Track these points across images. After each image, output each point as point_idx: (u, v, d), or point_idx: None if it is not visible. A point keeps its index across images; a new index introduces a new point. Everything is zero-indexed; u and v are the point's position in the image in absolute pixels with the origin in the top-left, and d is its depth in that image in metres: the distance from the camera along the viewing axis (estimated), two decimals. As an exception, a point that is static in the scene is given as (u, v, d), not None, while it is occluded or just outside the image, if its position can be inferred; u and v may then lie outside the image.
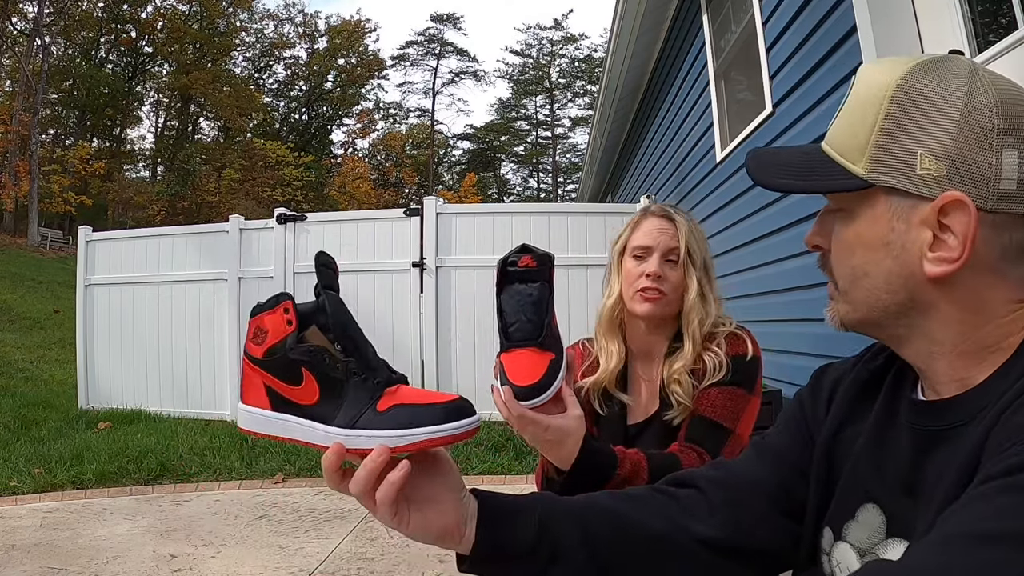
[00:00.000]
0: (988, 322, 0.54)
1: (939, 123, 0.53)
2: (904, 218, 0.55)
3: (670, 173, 5.53)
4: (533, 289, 0.96)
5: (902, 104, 0.55)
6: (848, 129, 0.58)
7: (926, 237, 0.54)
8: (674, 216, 1.32)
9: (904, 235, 0.55)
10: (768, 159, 0.64)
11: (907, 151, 0.54)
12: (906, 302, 0.56)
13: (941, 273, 0.53)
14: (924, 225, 0.54)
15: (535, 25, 56.07)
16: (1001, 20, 1.80)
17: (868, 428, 0.65)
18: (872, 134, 0.55)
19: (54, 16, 27.69)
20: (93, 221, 18.47)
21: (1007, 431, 0.48)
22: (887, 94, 0.55)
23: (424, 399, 0.59)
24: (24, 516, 3.37)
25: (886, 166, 0.55)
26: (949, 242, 0.53)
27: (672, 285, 1.27)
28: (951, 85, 0.54)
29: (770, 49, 3.19)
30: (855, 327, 0.61)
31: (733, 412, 1.20)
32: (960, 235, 0.52)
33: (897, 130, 0.54)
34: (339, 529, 3.11)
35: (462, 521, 0.62)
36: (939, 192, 0.53)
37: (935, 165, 0.53)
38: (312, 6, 73.79)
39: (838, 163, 0.58)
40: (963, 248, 0.52)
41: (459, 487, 0.63)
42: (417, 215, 5.25)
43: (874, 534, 0.60)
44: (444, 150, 44.50)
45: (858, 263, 0.58)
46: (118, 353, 5.76)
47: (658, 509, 0.70)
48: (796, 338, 2.96)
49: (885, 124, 0.55)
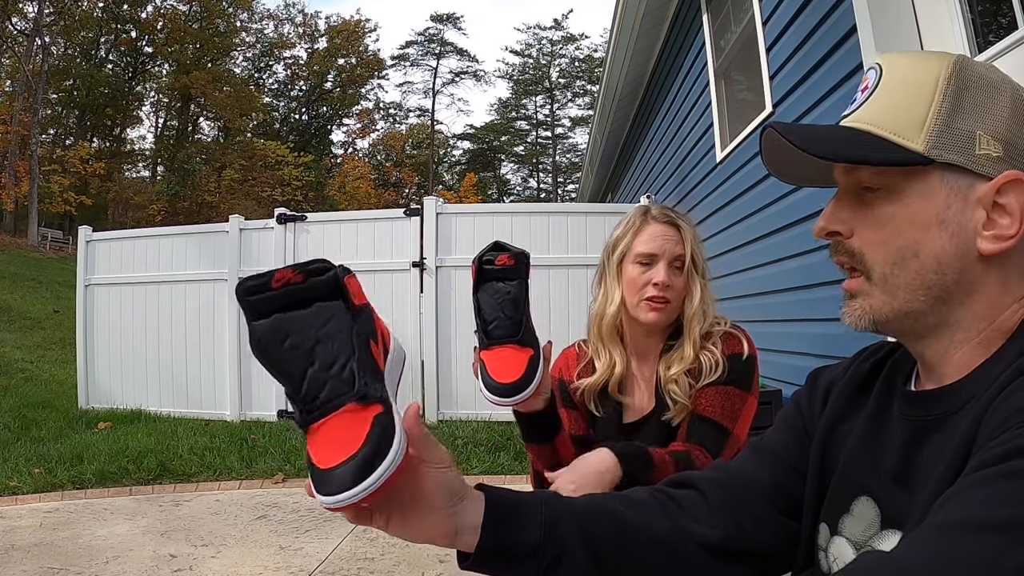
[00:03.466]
0: (1009, 304, 0.56)
1: (996, 106, 0.56)
2: (962, 196, 0.55)
3: (670, 173, 5.53)
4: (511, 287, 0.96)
5: (962, 85, 0.56)
6: (897, 107, 0.58)
7: (980, 216, 0.55)
8: (678, 222, 1.31)
9: (961, 213, 0.55)
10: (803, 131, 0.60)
11: (967, 131, 0.55)
12: (953, 283, 0.56)
13: (996, 250, 0.55)
14: (980, 204, 0.55)
15: (535, 25, 56.14)
16: (1001, 20, 1.80)
17: (861, 422, 0.65)
18: (930, 112, 0.56)
19: (54, 16, 27.70)
20: (93, 221, 18.49)
21: (999, 417, 0.48)
22: (946, 75, 0.56)
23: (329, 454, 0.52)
24: (24, 516, 3.37)
25: (948, 144, 0.55)
26: (1002, 221, 0.54)
27: (676, 292, 1.27)
28: (1000, 74, 0.57)
29: (770, 49, 3.19)
30: (889, 321, 0.59)
31: (731, 412, 1.20)
32: (1018, 212, 0.54)
33: (959, 109, 0.56)
34: (339, 529, 3.11)
35: (450, 532, 0.60)
36: (998, 171, 0.55)
37: (994, 145, 0.55)
38: (312, 6, 73.75)
39: (888, 140, 0.57)
40: (1020, 225, 0.54)
41: (451, 499, 0.60)
42: (417, 215, 5.25)
43: (869, 527, 0.60)
44: (444, 150, 44.50)
45: (906, 243, 0.57)
46: (118, 353, 5.77)
47: (659, 511, 0.70)
48: (796, 338, 2.96)
49: (944, 103, 0.56)
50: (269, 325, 0.54)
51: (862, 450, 0.63)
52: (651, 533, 0.67)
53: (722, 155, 4.02)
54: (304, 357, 0.54)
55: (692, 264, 1.29)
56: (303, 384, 0.54)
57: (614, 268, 1.32)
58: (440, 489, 0.59)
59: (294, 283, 0.55)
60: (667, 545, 0.67)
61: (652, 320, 1.26)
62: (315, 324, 0.55)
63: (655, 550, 0.67)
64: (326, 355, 0.54)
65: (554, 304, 4.94)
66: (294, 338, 0.54)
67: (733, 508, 0.70)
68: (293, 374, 0.54)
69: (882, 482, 0.60)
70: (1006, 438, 0.45)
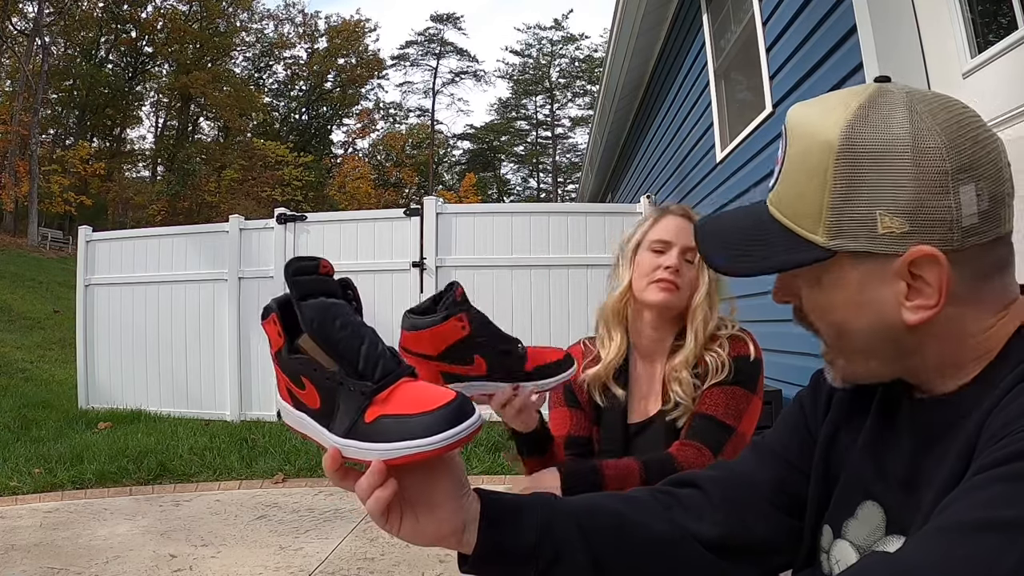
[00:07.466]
0: (970, 339, 0.55)
1: (891, 178, 0.52)
2: (875, 277, 0.54)
3: (670, 173, 5.53)
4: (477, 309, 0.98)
5: (849, 165, 0.53)
6: (796, 194, 0.56)
7: (900, 288, 0.54)
8: (695, 218, 1.34)
9: (878, 292, 0.55)
10: (716, 233, 0.62)
11: (865, 213, 0.53)
12: (893, 349, 0.57)
13: (920, 320, 0.54)
14: (897, 278, 0.54)
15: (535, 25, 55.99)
16: (1001, 20, 1.80)
17: (866, 427, 0.65)
18: (824, 200, 0.54)
19: (54, 16, 27.69)
20: (93, 221, 18.47)
21: (1001, 421, 0.48)
22: (831, 156, 0.54)
23: (415, 407, 0.55)
24: (24, 516, 3.37)
25: (847, 232, 0.54)
26: (924, 291, 0.53)
27: (686, 282, 1.28)
28: (894, 132, 0.52)
29: (770, 49, 3.19)
30: (861, 378, 0.61)
31: (735, 411, 1.20)
32: (935, 284, 0.52)
33: (850, 193, 0.53)
34: (339, 529, 3.11)
35: (459, 527, 0.60)
36: (906, 247, 0.52)
37: (896, 222, 0.52)
38: (312, 6, 73.73)
39: (794, 232, 0.56)
40: (939, 295, 0.52)
41: (462, 490, 0.61)
42: (417, 215, 5.25)
43: (873, 531, 0.60)
44: (444, 150, 44.50)
45: (837, 320, 0.58)
46: (118, 353, 5.77)
47: (659, 510, 0.70)
48: (796, 338, 2.95)
49: (836, 188, 0.54)
50: (319, 305, 0.58)
51: (868, 454, 0.63)
52: (651, 532, 0.67)
53: (722, 155, 4.02)
54: (355, 336, 0.58)
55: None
56: (359, 360, 0.57)
57: (628, 255, 1.34)
58: (452, 476, 0.60)
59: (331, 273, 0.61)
60: (667, 543, 0.67)
61: (660, 300, 1.26)
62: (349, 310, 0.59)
63: (655, 549, 0.67)
64: (370, 336, 0.59)
65: (554, 304, 4.94)
66: (341, 319, 0.58)
67: (735, 505, 0.70)
68: (351, 350, 0.57)
69: (888, 487, 0.60)
70: (1008, 442, 0.45)
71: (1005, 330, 0.55)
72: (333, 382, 0.58)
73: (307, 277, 0.59)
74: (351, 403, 0.57)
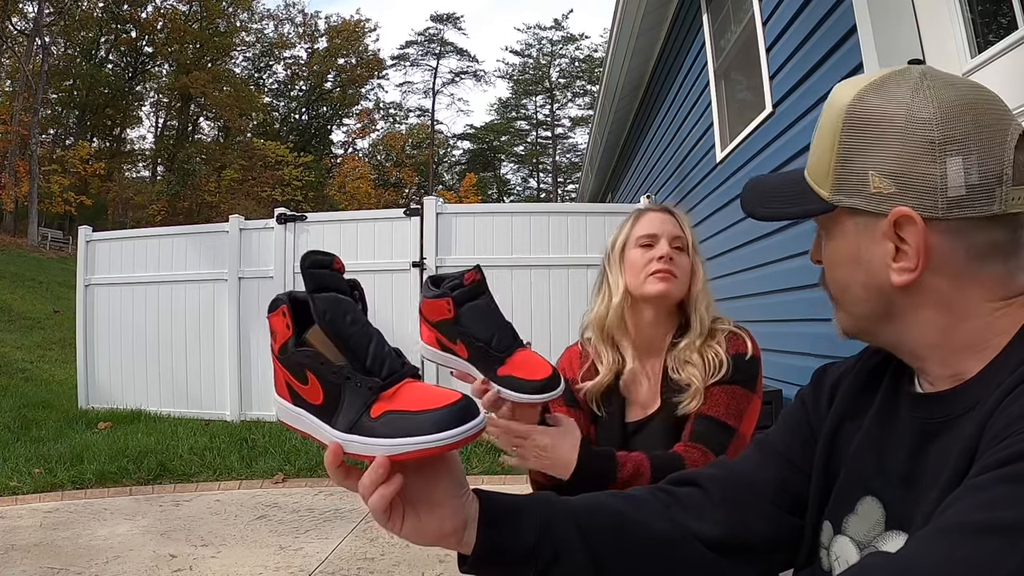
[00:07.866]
0: (964, 321, 0.56)
1: (884, 142, 0.56)
2: (868, 234, 0.58)
3: (670, 173, 5.53)
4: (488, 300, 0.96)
5: (852, 127, 0.58)
6: (817, 155, 0.62)
7: (889, 249, 0.57)
8: (672, 210, 1.35)
9: (870, 250, 0.59)
10: (756, 187, 0.69)
11: (861, 172, 0.58)
12: (885, 309, 0.60)
13: (904, 282, 0.57)
14: (885, 238, 0.57)
15: (535, 25, 56.02)
16: (1001, 20, 1.80)
17: (867, 422, 0.66)
18: (832, 159, 0.59)
19: (54, 16, 27.68)
20: (93, 221, 18.48)
21: (1002, 422, 0.48)
22: (840, 118, 0.59)
23: (421, 404, 0.56)
24: (24, 516, 3.37)
25: (846, 188, 0.59)
26: (908, 253, 0.56)
27: (682, 270, 1.28)
28: (894, 102, 0.57)
29: (770, 49, 3.19)
30: (854, 335, 0.65)
31: (737, 411, 1.20)
32: (914, 246, 0.55)
33: (851, 153, 0.58)
34: (339, 529, 3.11)
35: (460, 526, 0.61)
36: (891, 208, 0.56)
37: (885, 183, 0.56)
38: (312, 6, 73.69)
39: (811, 187, 0.62)
40: (917, 258, 0.55)
41: (462, 489, 0.62)
42: (417, 215, 5.25)
43: (873, 527, 0.60)
44: (444, 150, 44.48)
45: (840, 276, 0.63)
46: (118, 353, 5.77)
47: (659, 509, 0.70)
48: (796, 338, 2.96)
49: (840, 148, 0.59)
50: (332, 298, 0.59)
51: (869, 450, 0.64)
52: (651, 531, 0.67)
53: (722, 155, 4.02)
54: (364, 333, 0.59)
55: (693, 247, 1.32)
56: (367, 357, 0.58)
57: (616, 259, 1.33)
58: (451, 475, 0.61)
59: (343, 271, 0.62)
60: (668, 542, 0.67)
61: (661, 291, 1.25)
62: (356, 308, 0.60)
63: (655, 547, 0.67)
64: (377, 335, 0.60)
65: (554, 304, 4.94)
66: (352, 315, 0.59)
67: (735, 504, 0.70)
68: (361, 346, 0.58)
69: (888, 483, 0.60)
70: (1010, 442, 0.45)
71: (1009, 322, 0.55)
72: (340, 377, 0.58)
73: (322, 271, 0.60)
74: (357, 398, 0.57)
